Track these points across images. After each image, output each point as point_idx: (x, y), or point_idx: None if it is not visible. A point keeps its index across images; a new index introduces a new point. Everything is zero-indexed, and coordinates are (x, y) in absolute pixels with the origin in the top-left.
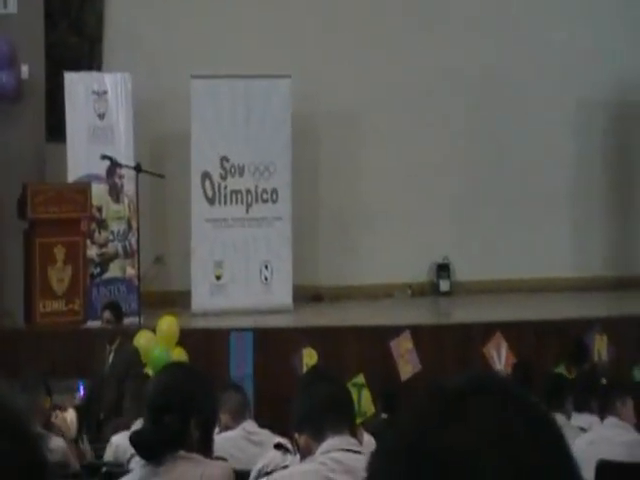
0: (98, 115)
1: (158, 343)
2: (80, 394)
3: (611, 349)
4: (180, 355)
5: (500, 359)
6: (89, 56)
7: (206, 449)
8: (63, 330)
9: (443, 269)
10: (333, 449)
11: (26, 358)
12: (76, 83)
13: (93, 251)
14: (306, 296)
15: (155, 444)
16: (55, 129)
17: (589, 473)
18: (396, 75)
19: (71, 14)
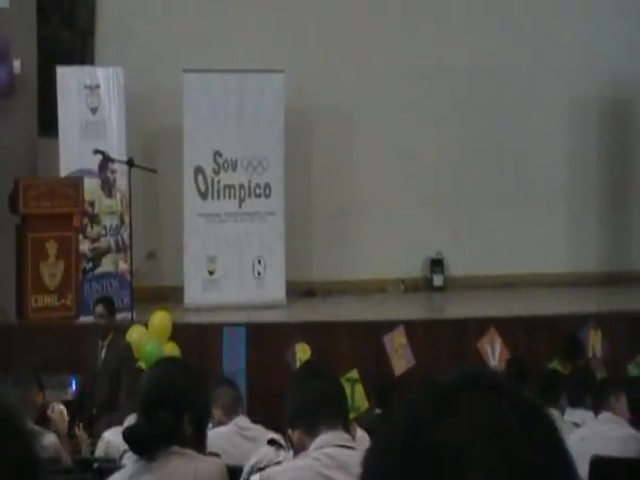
0: (90, 109)
1: (150, 338)
2: (72, 389)
3: (605, 345)
4: (172, 350)
5: (494, 354)
6: (81, 50)
7: (199, 445)
8: (55, 325)
9: (437, 264)
10: (326, 445)
11: (18, 353)
12: (68, 77)
13: (85, 246)
14: (299, 291)
15: (148, 439)
16: (47, 123)
17: (583, 468)
18: (390, 72)
19: (63, 8)
